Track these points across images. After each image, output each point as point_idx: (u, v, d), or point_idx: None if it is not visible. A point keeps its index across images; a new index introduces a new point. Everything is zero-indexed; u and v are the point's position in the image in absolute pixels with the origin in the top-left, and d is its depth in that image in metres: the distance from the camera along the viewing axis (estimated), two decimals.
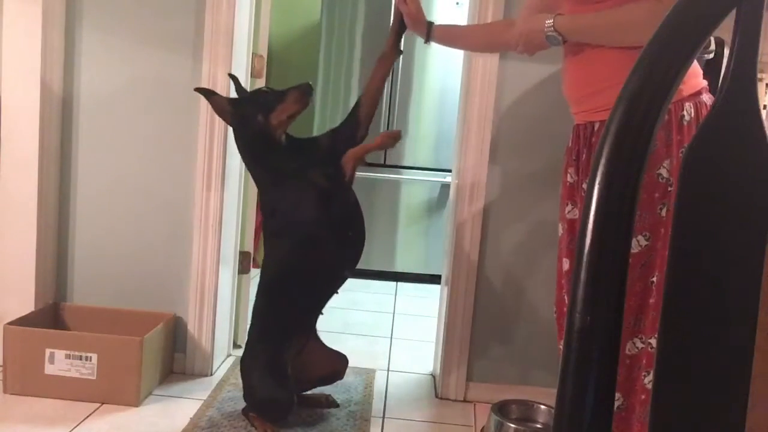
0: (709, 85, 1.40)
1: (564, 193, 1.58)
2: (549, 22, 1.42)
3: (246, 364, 1.99)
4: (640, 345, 1.34)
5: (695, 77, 1.36)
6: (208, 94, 1.96)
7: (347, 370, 2.19)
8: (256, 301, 2.02)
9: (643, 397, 1.34)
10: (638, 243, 1.32)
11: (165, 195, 2.34)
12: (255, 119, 1.90)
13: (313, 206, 1.90)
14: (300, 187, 1.91)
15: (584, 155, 1.47)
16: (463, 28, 2.09)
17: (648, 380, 1.34)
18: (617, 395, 1.35)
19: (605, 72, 1.40)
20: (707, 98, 1.35)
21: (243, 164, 2.62)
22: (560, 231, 1.61)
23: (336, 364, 2.13)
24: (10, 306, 2.25)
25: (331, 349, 2.14)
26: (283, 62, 4.38)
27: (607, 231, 0.53)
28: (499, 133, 2.26)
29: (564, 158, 1.59)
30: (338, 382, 2.19)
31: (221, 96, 1.99)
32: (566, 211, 1.57)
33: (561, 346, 0.57)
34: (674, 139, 1.31)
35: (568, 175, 1.55)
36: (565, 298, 1.59)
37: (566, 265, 1.58)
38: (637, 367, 1.35)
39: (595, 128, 1.43)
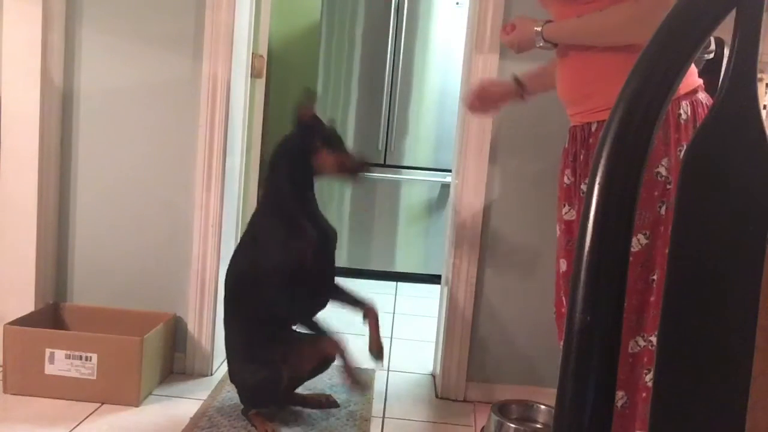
0: (708, 84, 1.40)
1: (561, 194, 1.58)
2: (537, 29, 1.47)
3: (231, 369, 2.01)
4: (642, 343, 1.34)
5: (690, 75, 1.37)
6: (311, 96, 2.03)
7: None
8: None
9: (644, 395, 1.34)
10: (638, 242, 1.32)
11: (165, 194, 2.34)
12: (313, 141, 1.94)
13: (279, 260, 1.91)
14: (287, 238, 1.92)
15: (581, 156, 1.47)
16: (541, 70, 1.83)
17: (650, 378, 1.34)
18: (620, 393, 1.35)
19: (600, 73, 1.40)
20: (703, 96, 1.36)
21: (243, 164, 2.62)
22: (557, 232, 1.61)
23: (324, 350, 2.08)
24: (10, 306, 2.25)
25: (315, 336, 2.07)
26: (283, 62, 4.38)
27: (607, 231, 0.53)
28: (499, 133, 2.26)
29: (561, 160, 1.59)
30: (338, 381, 2.19)
31: (312, 108, 2.02)
32: (563, 213, 1.58)
33: (561, 346, 0.57)
34: (672, 138, 1.31)
35: (565, 177, 1.55)
36: (563, 298, 1.59)
37: (564, 265, 1.58)
38: (639, 365, 1.35)
39: (593, 129, 1.43)
